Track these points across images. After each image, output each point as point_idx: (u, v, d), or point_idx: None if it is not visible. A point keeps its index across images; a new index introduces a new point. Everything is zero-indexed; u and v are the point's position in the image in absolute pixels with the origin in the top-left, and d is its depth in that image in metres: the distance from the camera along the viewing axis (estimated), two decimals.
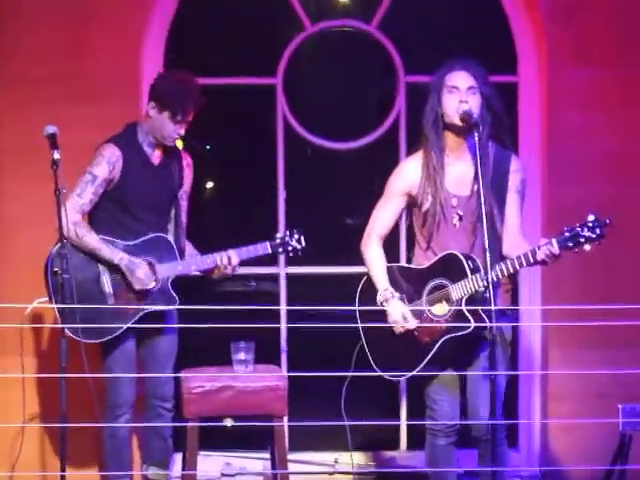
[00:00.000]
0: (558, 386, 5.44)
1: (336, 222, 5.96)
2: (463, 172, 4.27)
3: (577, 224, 3.94)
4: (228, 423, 4.67)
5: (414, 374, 4.26)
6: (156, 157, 4.70)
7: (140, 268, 4.55)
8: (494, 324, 3.84)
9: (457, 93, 4.20)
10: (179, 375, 4.66)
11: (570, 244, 3.94)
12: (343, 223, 5.99)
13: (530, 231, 5.37)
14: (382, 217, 4.42)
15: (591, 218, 3.92)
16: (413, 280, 4.32)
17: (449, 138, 4.28)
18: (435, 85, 4.27)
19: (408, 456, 5.66)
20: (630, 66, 5.43)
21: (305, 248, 4.81)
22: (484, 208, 3.95)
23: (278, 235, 4.80)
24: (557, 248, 3.96)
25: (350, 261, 4.96)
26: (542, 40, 5.50)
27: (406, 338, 4.26)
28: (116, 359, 4.61)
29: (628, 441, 4.28)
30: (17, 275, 5.19)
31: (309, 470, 5.56)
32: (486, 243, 3.92)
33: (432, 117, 4.26)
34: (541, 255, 3.99)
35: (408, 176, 4.35)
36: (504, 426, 4.28)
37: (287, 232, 4.81)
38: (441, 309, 4.20)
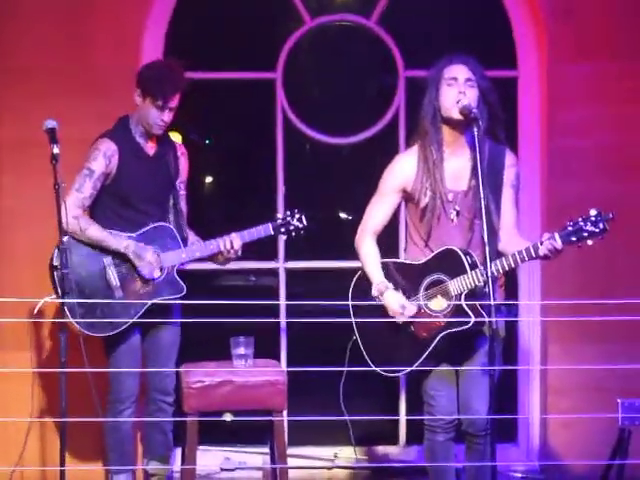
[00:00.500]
0: (557, 380, 5.45)
1: (335, 216, 5.96)
2: (459, 167, 4.25)
3: (580, 218, 3.93)
4: (227, 418, 4.67)
5: (412, 369, 4.23)
6: (150, 148, 4.71)
7: (148, 252, 4.56)
8: (493, 319, 3.83)
9: (455, 85, 4.17)
10: (179, 370, 4.65)
11: (573, 238, 3.93)
12: (341, 217, 5.99)
13: (530, 227, 5.38)
14: (376, 214, 4.38)
15: (594, 212, 3.91)
16: (409, 275, 4.28)
17: (446, 132, 4.24)
18: (433, 78, 4.24)
19: (407, 451, 5.67)
20: (630, 60, 5.42)
21: (307, 226, 4.81)
22: (483, 203, 3.92)
23: (279, 215, 4.81)
24: (560, 243, 3.95)
25: (350, 256, 4.95)
26: (542, 34, 5.49)
27: (403, 334, 4.24)
28: (121, 353, 4.62)
29: (627, 436, 4.27)
30: (17, 270, 5.19)
31: (308, 465, 5.56)
32: (485, 238, 3.90)
33: (430, 111, 4.23)
34: (544, 250, 3.98)
35: (403, 172, 4.31)
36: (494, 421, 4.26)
37: (288, 212, 4.82)
38: (438, 304, 4.19)
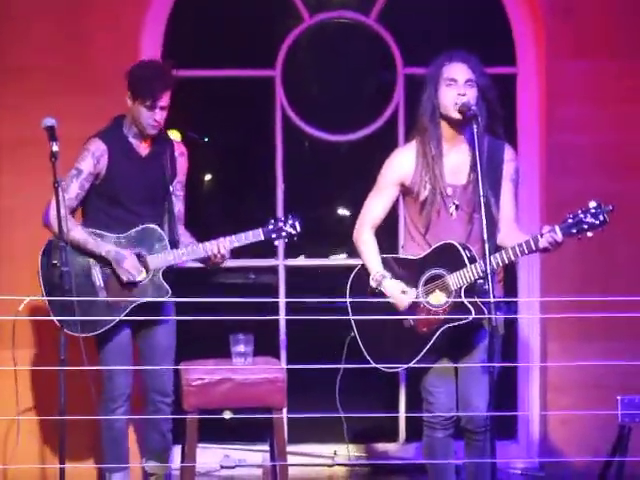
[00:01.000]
0: (557, 377, 5.44)
1: (334, 213, 5.96)
2: (458, 161, 4.23)
3: (580, 210, 3.93)
4: (227, 415, 4.67)
5: (411, 366, 4.22)
6: (143, 148, 4.68)
7: (127, 259, 4.53)
8: (493, 316, 3.82)
9: (455, 86, 4.16)
10: (178, 367, 4.65)
11: (573, 231, 3.93)
12: (341, 215, 5.99)
13: (529, 223, 5.37)
14: (374, 207, 4.36)
15: (593, 204, 3.91)
16: (408, 270, 4.25)
17: (444, 128, 4.23)
18: (432, 76, 4.22)
19: (407, 448, 5.67)
20: (629, 58, 5.42)
21: (300, 233, 4.73)
22: (482, 198, 3.91)
23: (271, 221, 4.73)
24: (560, 235, 3.95)
25: (350, 253, 4.96)
26: (541, 31, 5.49)
27: (403, 329, 4.22)
28: (110, 351, 4.60)
29: (627, 433, 4.27)
30: (15, 268, 5.18)
31: (308, 462, 5.56)
32: (485, 232, 3.89)
33: (429, 108, 4.21)
34: (544, 243, 3.98)
35: (401, 166, 4.29)
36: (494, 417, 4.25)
37: (281, 218, 4.78)
38: (437, 299, 4.17)
